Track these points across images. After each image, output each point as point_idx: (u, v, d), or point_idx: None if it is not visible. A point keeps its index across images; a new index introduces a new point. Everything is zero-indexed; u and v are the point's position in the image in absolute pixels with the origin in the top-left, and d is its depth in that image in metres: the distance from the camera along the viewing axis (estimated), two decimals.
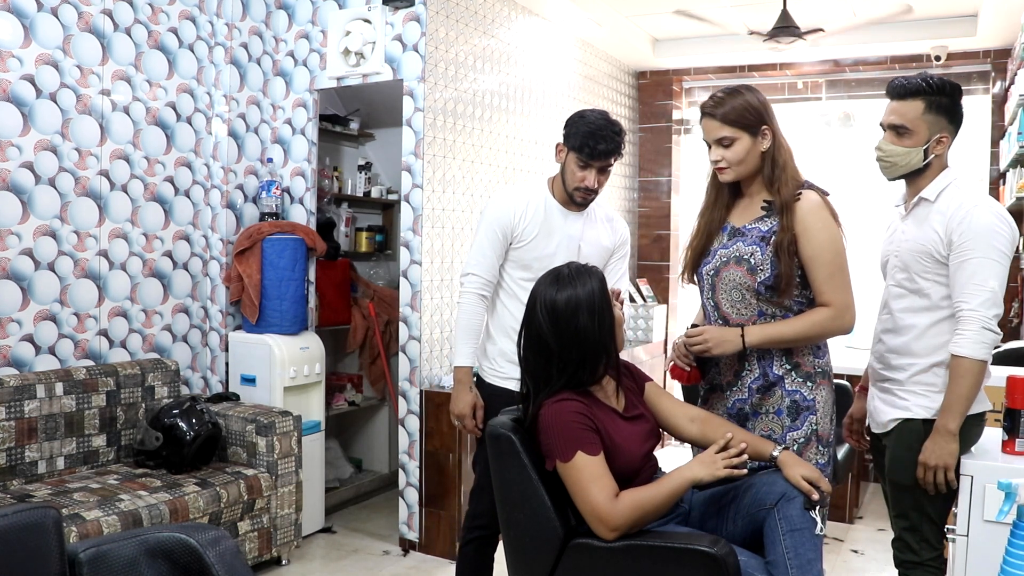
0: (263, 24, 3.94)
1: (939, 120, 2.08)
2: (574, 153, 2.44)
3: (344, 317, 4.35)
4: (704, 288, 2.21)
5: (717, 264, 2.15)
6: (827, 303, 2.04)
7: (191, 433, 3.16)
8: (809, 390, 2.10)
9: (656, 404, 2.12)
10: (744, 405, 2.15)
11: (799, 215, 2.04)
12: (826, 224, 2.05)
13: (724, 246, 2.15)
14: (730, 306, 2.13)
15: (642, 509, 1.82)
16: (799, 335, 2.06)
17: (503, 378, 2.55)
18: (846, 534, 3.89)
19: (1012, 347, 3.70)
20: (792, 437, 2.09)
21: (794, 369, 2.11)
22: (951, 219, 2.04)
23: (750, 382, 2.13)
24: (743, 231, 2.13)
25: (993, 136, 4.78)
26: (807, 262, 2.04)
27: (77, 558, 1.60)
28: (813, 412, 2.10)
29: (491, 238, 2.54)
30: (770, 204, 2.10)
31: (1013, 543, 1.65)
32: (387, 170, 4.74)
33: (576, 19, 4.57)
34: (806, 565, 1.81)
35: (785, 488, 1.89)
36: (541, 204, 2.55)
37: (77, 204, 3.29)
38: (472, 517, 2.57)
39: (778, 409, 2.11)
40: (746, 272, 2.08)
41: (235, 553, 1.68)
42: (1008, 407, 2.13)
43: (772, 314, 2.09)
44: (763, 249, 2.07)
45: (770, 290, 2.06)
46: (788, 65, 5.33)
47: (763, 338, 2.06)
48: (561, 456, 1.85)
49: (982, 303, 1.98)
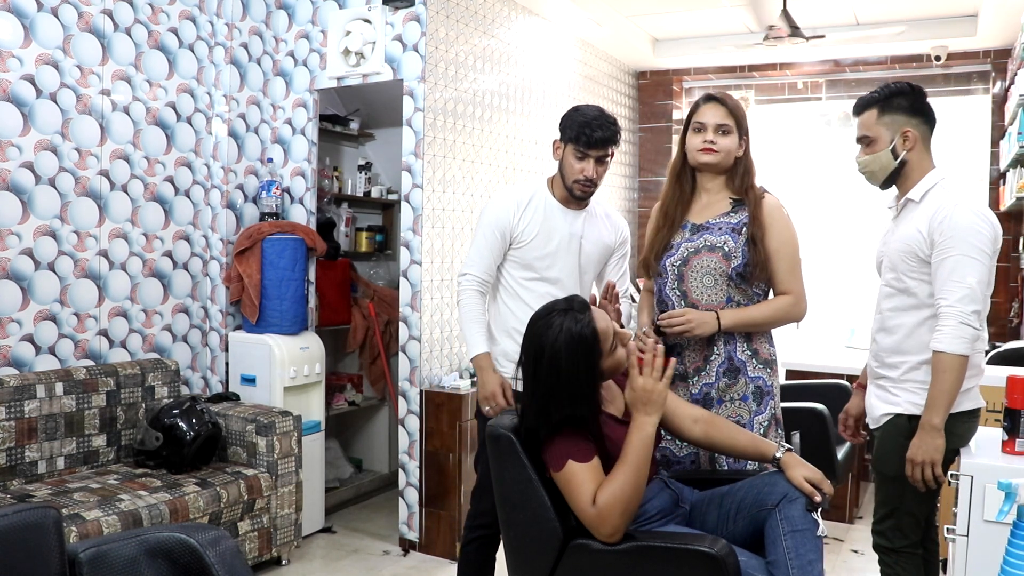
0: (263, 24, 3.94)
1: (895, 119, 2.18)
2: (571, 145, 2.45)
3: (344, 317, 4.35)
4: (668, 279, 2.35)
5: (685, 255, 2.32)
6: (787, 291, 2.30)
7: (191, 433, 3.16)
8: (768, 376, 2.32)
9: None
10: (711, 390, 2.31)
11: (766, 211, 2.29)
12: (787, 223, 2.32)
13: (688, 240, 2.33)
14: (700, 292, 2.30)
15: (620, 497, 1.78)
16: (766, 319, 2.30)
17: (507, 377, 2.54)
18: (846, 534, 3.89)
19: (1012, 347, 3.70)
20: (759, 420, 2.28)
21: (754, 355, 2.31)
22: (932, 218, 2.10)
23: (717, 366, 2.30)
24: (707, 226, 2.32)
25: (993, 136, 4.78)
26: (771, 254, 2.28)
27: (77, 558, 1.60)
28: (772, 397, 2.31)
29: (489, 239, 2.55)
30: (737, 201, 2.33)
31: (1013, 543, 1.65)
32: (387, 170, 4.74)
33: (576, 19, 4.57)
34: (807, 566, 1.81)
35: (787, 489, 1.89)
36: (541, 203, 2.55)
37: (77, 204, 3.29)
38: (474, 517, 2.56)
39: (744, 395, 2.29)
40: (721, 258, 2.27)
41: (235, 553, 1.68)
42: (1008, 407, 2.13)
43: (738, 301, 2.30)
44: (735, 238, 2.27)
45: (740, 277, 2.27)
46: (788, 65, 5.33)
47: (736, 321, 2.26)
48: (553, 466, 1.86)
49: (960, 299, 2.03)
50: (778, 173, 5.60)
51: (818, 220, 5.42)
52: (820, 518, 1.87)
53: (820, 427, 3.35)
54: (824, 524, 1.89)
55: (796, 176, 5.57)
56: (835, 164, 5.24)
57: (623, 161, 5.61)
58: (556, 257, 2.53)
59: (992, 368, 3.34)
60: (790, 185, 5.58)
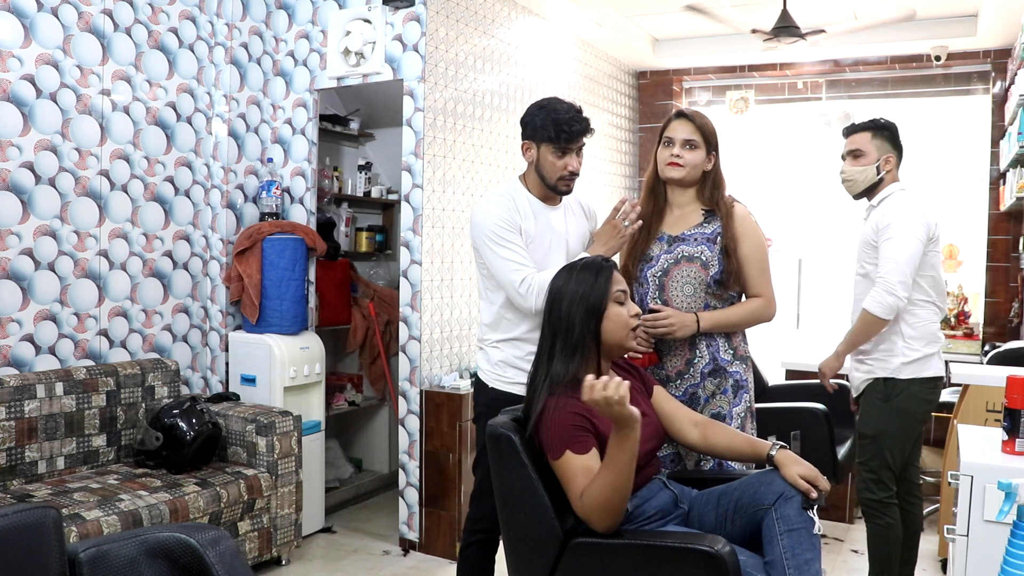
0: (263, 24, 3.95)
1: (884, 144, 2.73)
2: (548, 145, 2.38)
3: (344, 317, 4.35)
4: (649, 289, 2.43)
5: (665, 266, 2.41)
6: (758, 294, 2.42)
7: (191, 433, 3.16)
8: (743, 371, 2.43)
9: (662, 407, 2.18)
10: (697, 389, 2.40)
11: (736, 221, 2.40)
12: (756, 230, 2.44)
13: (667, 251, 2.42)
14: (681, 301, 2.39)
15: (598, 499, 1.78)
16: (741, 320, 2.42)
17: (507, 383, 2.47)
18: (846, 534, 3.89)
19: (1012, 347, 3.71)
20: (736, 411, 2.38)
21: (733, 352, 2.42)
22: (882, 214, 2.65)
23: (702, 367, 2.39)
24: (683, 237, 2.42)
25: (993, 136, 4.78)
26: (743, 259, 2.39)
27: (77, 558, 1.60)
28: (747, 391, 2.42)
29: (512, 239, 2.37)
30: (709, 212, 2.43)
31: (1013, 543, 1.65)
32: (387, 170, 4.74)
33: (576, 19, 4.57)
34: (804, 565, 1.81)
35: (783, 487, 1.89)
36: (525, 204, 2.46)
37: (77, 204, 3.29)
38: (473, 520, 2.54)
39: (723, 388, 2.39)
40: (700, 267, 2.37)
41: (235, 553, 1.68)
42: (1008, 407, 2.13)
43: (714, 306, 2.41)
44: (711, 248, 2.38)
45: (717, 284, 2.37)
46: (788, 65, 5.33)
47: (714, 322, 2.37)
48: (552, 454, 1.89)
49: (889, 271, 2.58)
50: (778, 173, 5.61)
51: (818, 220, 5.43)
52: (816, 516, 1.87)
53: (820, 427, 3.35)
54: (821, 523, 1.89)
55: (795, 176, 5.58)
56: (835, 164, 5.24)
57: (623, 161, 5.61)
58: (549, 259, 2.46)
59: (992, 368, 3.35)
60: (789, 185, 5.59)
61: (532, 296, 2.33)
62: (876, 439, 2.69)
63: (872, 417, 2.71)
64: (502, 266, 2.36)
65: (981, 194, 4.87)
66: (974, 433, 2.24)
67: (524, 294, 2.34)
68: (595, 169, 5.15)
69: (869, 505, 2.73)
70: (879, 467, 2.69)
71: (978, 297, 4.89)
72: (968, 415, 3.05)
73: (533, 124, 2.41)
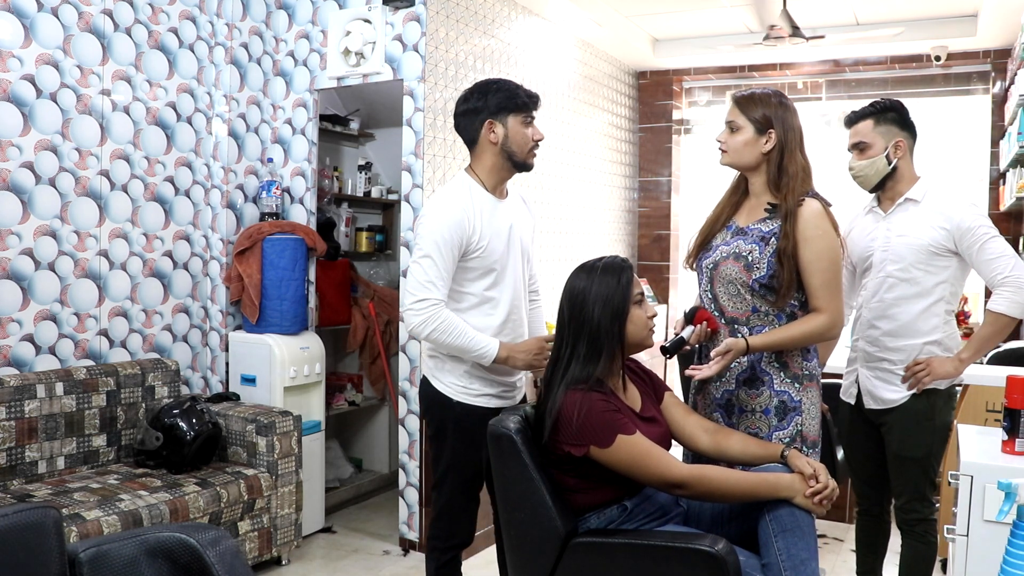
0: (263, 24, 3.94)
1: (890, 129, 2.49)
2: (514, 115, 2.34)
3: (344, 317, 4.35)
4: (703, 280, 2.27)
5: (717, 258, 2.21)
6: (820, 309, 2.12)
7: (191, 433, 3.16)
8: (796, 391, 2.17)
9: (671, 413, 2.15)
10: (731, 396, 2.22)
11: (800, 222, 2.11)
12: (825, 232, 2.12)
13: (726, 242, 2.22)
14: (727, 299, 2.20)
15: (721, 488, 1.91)
16: (795, 341, 2.14)
17: (474, 395, 2.37)
18: (846, 534, 3.89)
19: (1012, 347, 3.70)
20: (778, 436, 2.15)
21: (782, 368, 2.18)
22: (950, 219, 2.41)
23: (738, 372, 2.20)
24: (746, 230, 2.20)
25: (993, 136, 4.78)
26: (804, 266, 2.11)
27: (77, 558, 1.60)
28: (799, 413, 2.16)
29: (447, 257, 2.27)
30: (774, 207, 2.17)
31: (1013, 543, 1.65)
32: (387, 170, 4.74)
33: (576, 19, 4.57)
34: (800, 566, 1.82)
35: None
36: (480, 201, 2.36)
37: (77, 204, 3.29)
38: (445, 539, 2.41)
39: (766, 408, 2.17)
40: (742, 268, 2.14)
41: (235, 553, 1.68)
42: (1008, 407, 2.13)
43: (765, 311, 2.16)
44: (761, 248, 2.14)
45: (766, 289, 2.14)
46: (788, 65, 5.33)
47: (764, 343, 2.13)
48: (601, 443, 1.87)
49: (1014, 267, 2.36)
50: None
51: None
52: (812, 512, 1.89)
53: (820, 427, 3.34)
54: (814, 518, 1.90)
55: None
56: (835, 164, 5.24)
57: (623, 161, 5.61)
58: (508, 257, 2.36)
59: (992, 368, 3.34)
60: None
61: (426, 323, 2.23)
62: (921, 460, 2.51)
63: (917, 439, 2.49)
64: (420, 275, 2.26)
65: (981, 194, 4.87)
66: (974, 433, 2.23)
67: (419, 311, 2.24)
68: (595, 169, 5.15)
69: (914, 524, 2.56)
70: (925, 485, 2.53)
71: (978, 297, 4.89)
72: (968, 415, 3.04)
73: (490, 103, 2.34)
